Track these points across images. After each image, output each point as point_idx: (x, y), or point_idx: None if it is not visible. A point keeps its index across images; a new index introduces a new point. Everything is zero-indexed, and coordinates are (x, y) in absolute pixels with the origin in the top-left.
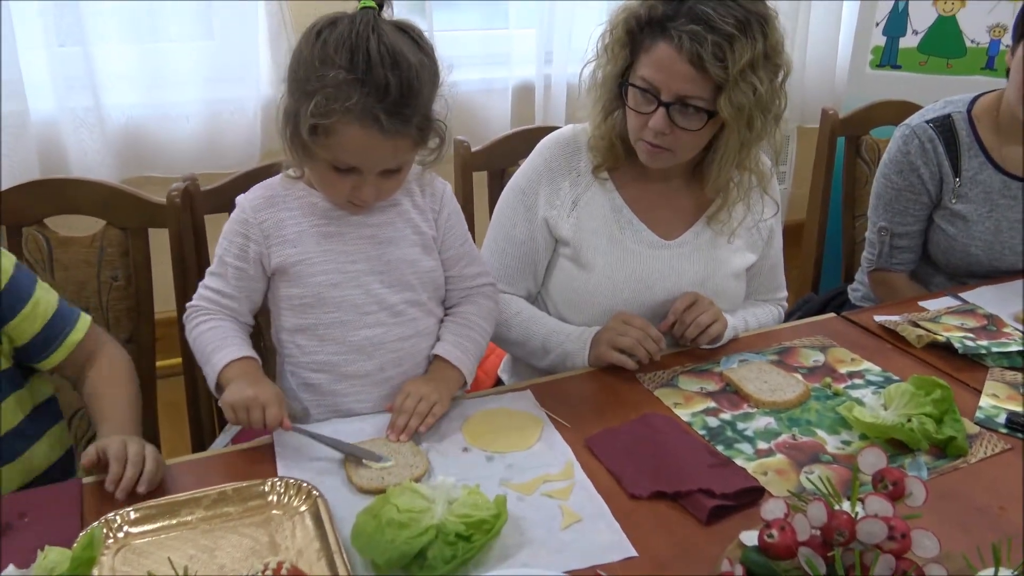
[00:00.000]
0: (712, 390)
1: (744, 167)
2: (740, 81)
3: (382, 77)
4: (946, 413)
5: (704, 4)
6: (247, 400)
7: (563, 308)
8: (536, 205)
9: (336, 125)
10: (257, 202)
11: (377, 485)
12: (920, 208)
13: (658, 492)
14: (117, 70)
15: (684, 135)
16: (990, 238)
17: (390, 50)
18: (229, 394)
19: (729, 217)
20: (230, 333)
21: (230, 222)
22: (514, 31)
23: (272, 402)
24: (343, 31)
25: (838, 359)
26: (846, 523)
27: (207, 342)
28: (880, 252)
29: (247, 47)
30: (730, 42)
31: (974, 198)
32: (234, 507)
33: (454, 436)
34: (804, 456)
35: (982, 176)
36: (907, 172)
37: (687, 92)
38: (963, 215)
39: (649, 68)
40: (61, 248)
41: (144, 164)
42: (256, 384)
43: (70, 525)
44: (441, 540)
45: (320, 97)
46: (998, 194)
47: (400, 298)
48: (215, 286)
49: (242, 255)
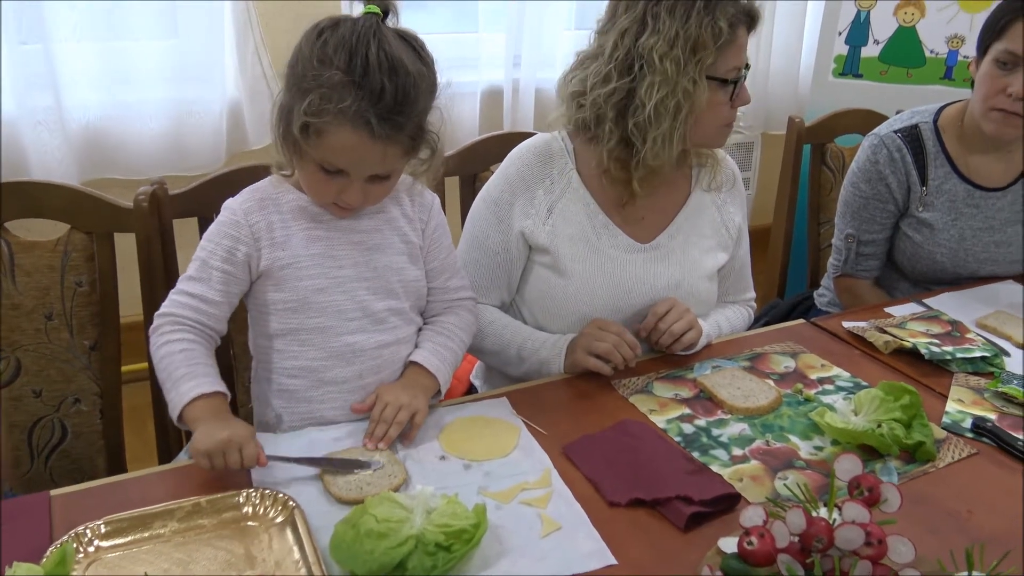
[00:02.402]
0: (686, 396)
1: None
2: None
3: (378, 82)
4: (914, 418)
5: None
6: (222, 444)
7: (540, 316)
8: (511, 216)
9: (327, 126)
10: (248, 204)
11: (355, 495)
12: (887, 216)
13: (636, 499)
14: (78, 69)
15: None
16: (954, 245)
17: (389, 57)
18: (201, 440)
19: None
20: (201, 359)
21: (217, 225)
22: (483, 34)
23: (247, 440)
24: (344, 33)
25: (808, 365)
26: (824, 530)
27: (177, 364)
28: (846, 259)
29: (212, 47)
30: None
31: (940, 206)
32: (208, 519)
33: (430, 444)
34: (778, 462)
35: (947, 185)
36: (875, 181)
37: None
38: (929, 223)
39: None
40: (23, 253)
41: (106, 166)
42: (227, 424)
43: (40, 540)
44: (421, 550)
45: (314, 96)
46: (962, 203)
47: (384, 305)
48: (195, 291)
49: (229, 258)
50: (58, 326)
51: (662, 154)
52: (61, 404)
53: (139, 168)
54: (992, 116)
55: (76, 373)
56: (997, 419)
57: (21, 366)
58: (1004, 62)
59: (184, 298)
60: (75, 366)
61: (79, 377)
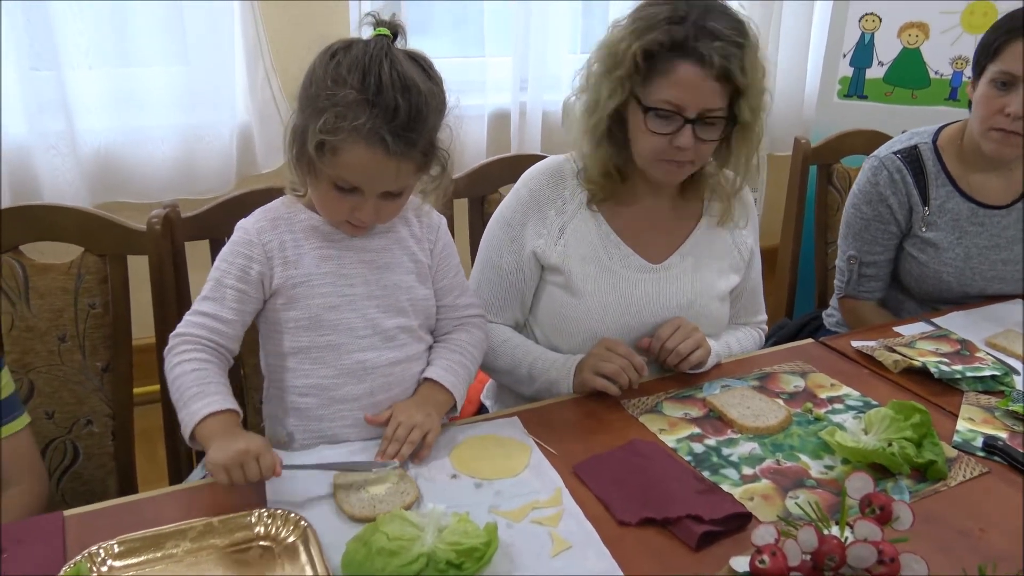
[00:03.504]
0: (696, 416)
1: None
2: (753, 83)
3: (391, 100)
4: (925, 437)
5: (713, 21)
6: (238, 455)
7: (551, 334)
8: (523, 237)
9: (342, 143)
10: (261, 224)
11: (367, 513)
12: (889, 238)
13: (647, 518)
14: (90, 94)
15: (704, 147)
16: (960, 264)
17: (401, 76)
18: (216, 454)
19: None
20: (214, 378)
21: (232, 244)
22: (490, 59)
23: (263, 450)
24: (357, 54)
25: (818, 384)
26: (836, 548)
27: (189, 384)
28: (849, 280)
29: (222, 72)
30: (742, 50)
31: (943, 226)
32: (220, 539)
33: (442, 462)
34: (789, 481)
35: (950, 204)
36: (876, 202)
37: (711, 105)
38: (933, 242)
39: (672, 89)
40: (37, 275)
41: (117, 190)
42: (241, 437)
43: (53, 559)
44: (432, 568)
45: (329, 115)
46: (966, 221)
47: (394, 323)
48: (209, 311)
49: (244, 276)
50: (71, 348)
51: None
52: (73, 426)
53: (150, 192)
54: (992, 136)
55: (88, 395)
56: (1008, 438)
57: (34, 388)
58: (1001, 82)
59: (198, 318)
60: (87, 388)
61: (91, 399)
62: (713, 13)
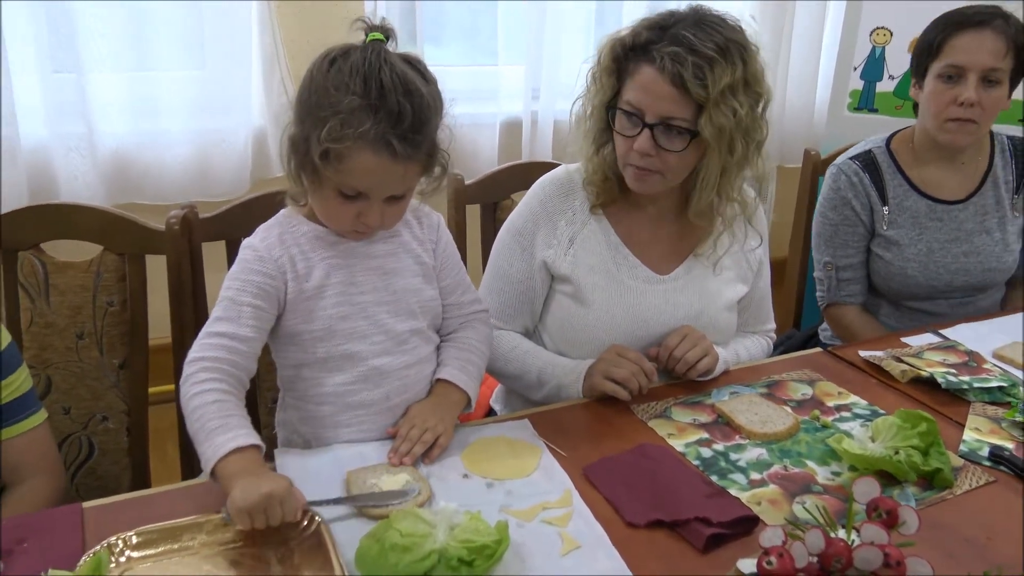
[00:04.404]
0: (705, 421)
1: (728, 195)
2: (720, 102)
3: (395, 104)
4: (932, 446)
5: (686, 30)
6: (263, 501)
7: (560, 342)
8: (533, 246)
9: (348, 150)
10: (269, 241)
11: (380, 510)
12: (858, 239)
13: (655, 520)
14: (109, 98)
15: (669, 157)
16: (924, 259)
17: (401, 79)
18: (240, 499)
19: (715, 247)
20: (234, 410)
21: (242, 263)
22: (502, 67)
23: (287, 496)
24: (356, 60)
25: (826, 392)
26: (843, 550)
27: (209, 416)
28: (829, 287)
29: (239, 77)
30: (710, 64)
31: (903, 223)
32: (236, 532)
33: (454, 462)
34: (796, 486)
35: (908, 202)
36: (840, 207)
37: (670, 113)
38: (896, 240)
39: (634, 91)
40: (57, 273)
41: (133, 191)
42: (265, 480)
43: (72, 549)
44: (444, 565)
45: (334, 122)
46: (925, 217)
47: (405, 327)
48: (227, 331)
49: (260, 293)
50: (88, 345)
51: (592, 165)
52: (89, 421)
53: (165, 194)
54: (948, 127)
55: (105, 391)
56: (1015, 448)
57: (52, 383)
58: (948, 76)
59: (215, 339)
60: (104, 384)
61: (108, 395)
62: (698, 25)
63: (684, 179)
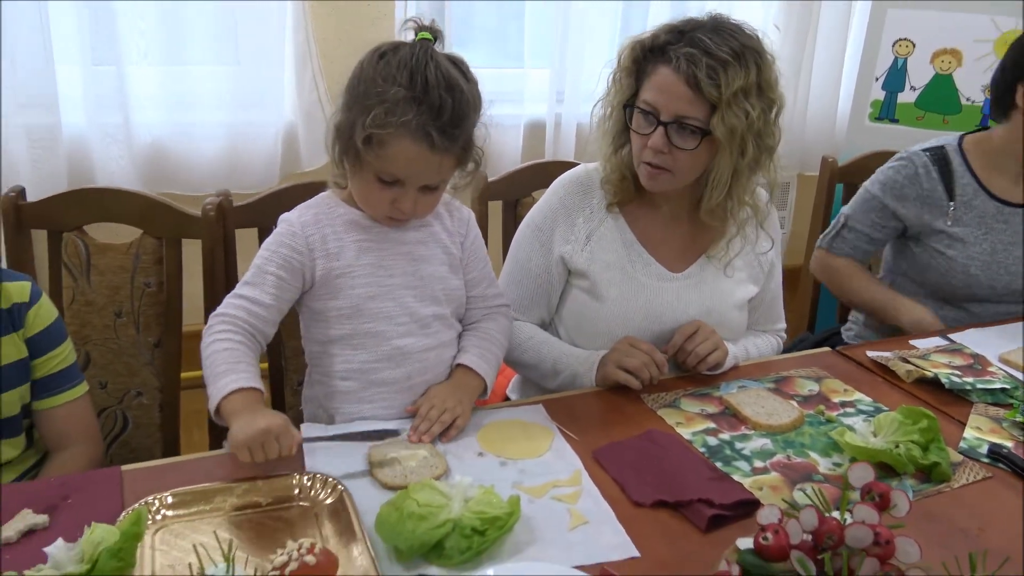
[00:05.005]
0: (712, 412)
1: (740, 199)
2: (733, 103)
3: (437, 98)
4: (932, 441)
5: (703, 34)
6: (259, 434)
7: (575, 335)
8: (552, 241)
9: (390, 137)
10: (304, 218)
11: (400, 482)
12: (883, 220)
13: (660, 501)
14: (146, 90)
15: (681, 155)
16: (987, 258)
17: (445, 76)
18: (238, 433)
19: (727, 249)
20: (243, 357)
21: (276, 236)
22: (528, 70)
23: (284, 430)
24: (404, 55)
25: (832, 389)
26: (835, 528)
27: (219, 362)
28: (828, 233)
29: (271, 73)
30: (724, 66)
31: (969, 221)
32: (263, 497)
33: (469, 441)
34: (797, 474)
35: (976, 201)
36: (888, 191)
37: (684, 112)
38: (960, 237)
39: (651, 91)
40: (99, 254)
41: (166, 181)
42: (262, 415)
43: (112, 507)
44: (458, 533)
45: (379, 110)
46: (992, 218)
47: (429, 312)
48: (249, 295)
49: (285, 265)
50: (126, 323)
51: (611, 165)
52: (124, 396)
53: (197, 184)
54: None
55: (140, 368)
56: (1014, 447)
57: (90, 359)
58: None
59: (237, 300)
60: (139, 361)
61: (142, 372)
62: (716, 31)
63: (696, 180)
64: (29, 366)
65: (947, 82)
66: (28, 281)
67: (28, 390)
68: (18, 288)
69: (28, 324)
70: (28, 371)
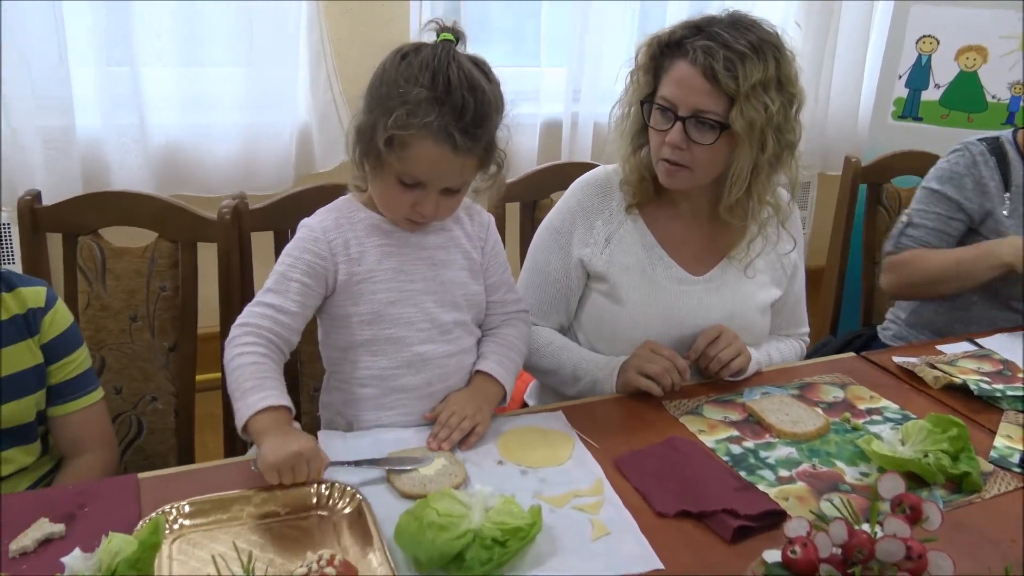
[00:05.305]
0: (735, 419)
1: (760, 197)
2: (752, 96)
3: (459, 99)
4: (962, 451)
5: (721, 28)
6: (291, 458)
7: (594, 340)
8: (570, 244)
9: (412, 138)
10: (325, 223)
11: (418, 491)
12: (950, 212)
13: (684, 511)
14: (161, 91)
15: (700, 151)
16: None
17: (467, 77)
18: (269, 454)
19: (747, 250)
20: (270, 372)
21: (297, 241)
22: (545, 68)
23: (314, 454)
24: (427, 56)
25: (857, 396)
26: (866, 542)
27: (247, 376)
28: (892, 236)
29: (286, 74)
30: (741, 59)
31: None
32: (282, 506)
33: (489, 449)
34: (823, 484)
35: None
36: (947, 181)
37: (702, 106)
38: (1015, 230)
39: (669, 86)
40: (114, 258)
41: (181, 183)
42: (293, 438)
43: (129, 516)
44: (478, 544)
45: (401, 111)
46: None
47: (450, 318)
48: (274, 302)
49: (309, 271)
50: (141, 327)
51: (630, 165)
52: (139, 401)
53: (211, 186)
54: None
55: (155, 373)
56: None
57: (105, 364)
58: None
59: (261, 308)
60: (154, 366)
61: (157, 377)
62: (733, 25)
63: (716, 180)
64: (45, 372)
65: (972, 79)
66: (44, 286)
67: (44, 396)
68: (34, 293)
69: (44, 329)
70: (44, 377)
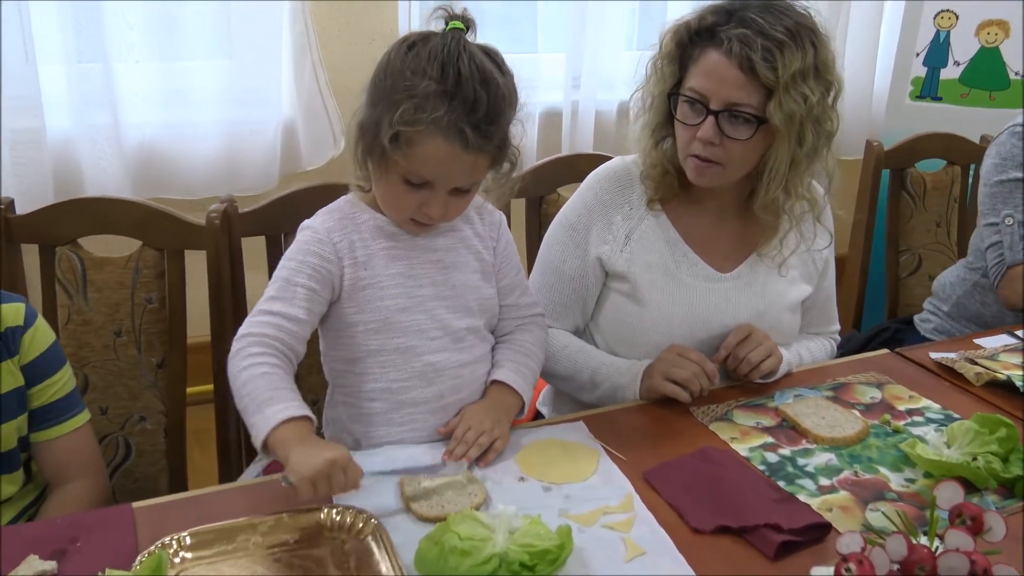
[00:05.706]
0: (768, 425)
1: (796, 192)
2: (791, 87)
3: (471, 93)
4: (1012, 452)
5: (754, 12)
6: (326, 467)
7: (614, 343)
8: (587, 241)
9: (419, 135)
10: (329, 224)
11: (436, 513)
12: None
13: (722, 526)
14: (136, 88)
15: (733, 147)
16: None
17: (480, 68)
18: (301, 467)
19: (780, 247)
20: (284, 383)
21: (300, 244)
22: (542, 55)
23: (349, 461)
24: (435, 46)
25: (895, 396)
26: (927, 557)
27: (261, 388)
28: (1012, 243)
29: (268, 67)
30: (780, 47)
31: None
32: (291, 534)
33: (508, 465)
34: (868, 493)
35: None
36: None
37: (736, 99)
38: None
39: (699, 77)
40: (95, 269)
41: (160, 185)
42: (323, 447)
43: (125, 549)
44: (505, 569)
45: (407, 106)
46: None
47: (463, 324)
48: (278, 310)
49: (316, 275)
50: (126, 343)
51: (652, 159)
52: (126, 422)
53: (192, 188)
54: None
55: (143, 391)
56: None
57: (89, 383)
58: None
59: (266, 317)
60: (142, 384)
61: (145, 395)
62: (767, 9)
63: (747, 173)
64: (26, 395)
65: (994, 55)
66: (22, 303)
67: (25, 421)
68: (12, 310)
69: (24, 350)
70: (25, 400)
